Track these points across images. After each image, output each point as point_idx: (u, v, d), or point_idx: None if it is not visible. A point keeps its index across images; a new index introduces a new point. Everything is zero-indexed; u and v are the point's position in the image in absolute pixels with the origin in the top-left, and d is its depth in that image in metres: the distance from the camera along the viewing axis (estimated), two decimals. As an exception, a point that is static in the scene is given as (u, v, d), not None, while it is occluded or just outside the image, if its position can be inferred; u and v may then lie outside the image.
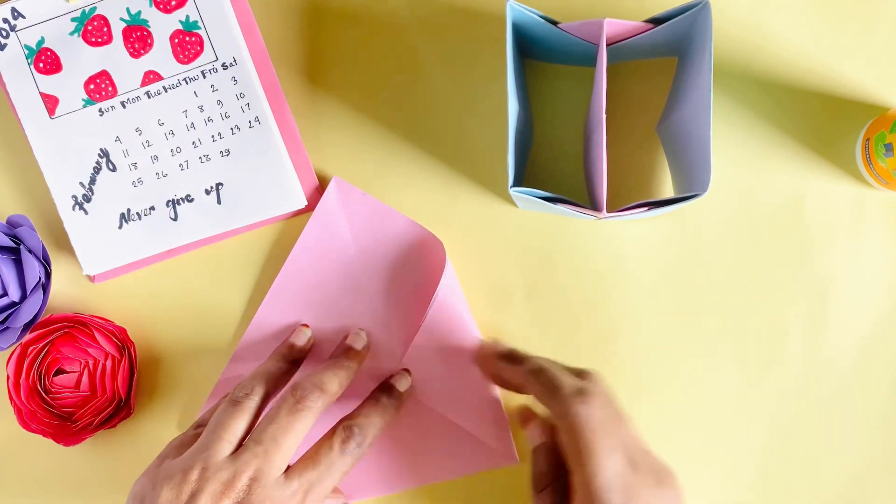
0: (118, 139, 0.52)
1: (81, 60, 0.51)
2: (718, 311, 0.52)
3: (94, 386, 0.52)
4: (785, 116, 0.51)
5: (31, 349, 0.51)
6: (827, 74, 0.51)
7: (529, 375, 0.44)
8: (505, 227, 0.52)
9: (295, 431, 0.43)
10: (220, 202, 0.52)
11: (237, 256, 0.53)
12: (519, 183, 0.46)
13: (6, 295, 0.50)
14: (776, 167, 0.51)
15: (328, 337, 0.52)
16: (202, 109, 0.51)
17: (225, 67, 0.51)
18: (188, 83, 0.51)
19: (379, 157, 0.52)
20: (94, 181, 0.52)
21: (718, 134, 0.51)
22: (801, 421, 0.51)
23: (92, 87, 0.51)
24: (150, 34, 0.51)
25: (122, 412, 0.52)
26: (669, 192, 0.51)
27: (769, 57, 0.51)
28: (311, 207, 0.52)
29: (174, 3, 0.50)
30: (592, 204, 0.48)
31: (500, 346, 0.47)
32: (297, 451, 0.44)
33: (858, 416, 0.51)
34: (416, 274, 0.51)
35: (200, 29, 0.51)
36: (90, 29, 0.51)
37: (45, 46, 0.51)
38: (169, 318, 0.53)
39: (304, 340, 0.51)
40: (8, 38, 0.51)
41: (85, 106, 0.51)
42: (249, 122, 0.51)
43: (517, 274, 0.52)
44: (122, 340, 0.52)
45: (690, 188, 0.45)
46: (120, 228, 0.52)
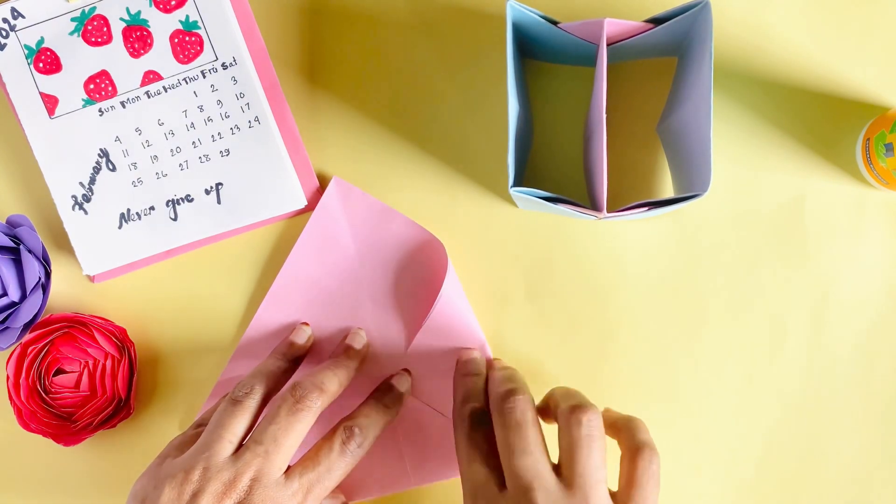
0: (118, 139, 0.51)
1: (81, 60, 0.51)
2: (718, 310, 0.52)
3: (93, 386, 0.52)
4: (785, 116, 0.51)
5: (30, 349, 0.51)
6: (827, 74, 0.51)
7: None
8: (505, 227, 0.52)
9: (295, 431, 0.43)
10: (219, 202, 0.52)
11: (237, 256, 0.53)
12: (519, 183, 0.46)
13: (6, 295, 0.50)
14: (776, 167, 0.51)
15: (328, 336, 0.52)
16: (202, 109, 0.51)
17: (225, 67, 0.51)
18: (188, 83, 0.51)
19: (379, 157, 0.52)
20: (93, 181, 0.52)
21: (718, 134, 0.51)
22: (800, 420, 0.51)
23: (92, 86, 0.51)
24: (149, 34, 0.51)
25: (121, 412, 0.52)
26: (669, 192, 0.51)
27: (769, 57, 0.51)
28: (311, 207, 0.52)
29: (174, 2, 0.50)
30: (592, 204, 0.48)
31: (470, 404, 0.47)
32: (297, 449, 0.44)
33: (858, 415, 0.51)
34: (415, 274, 0.51)
35: (200, 29, 0.51)
36: (90, 29, 0.51)
37: (44, 46, 0.51)
38: (169, 318, 0.53)
39: (303, 339, 0.51)
40: (8, 38, 0.51)
41: (85, 106, 0.51)
42: (249, 122, 0.51)
43: (517, 274, 0.52)
44: (121, 340, 0.52)
45: (690, 188, 0.45)
46: (120, 228, 0.52)
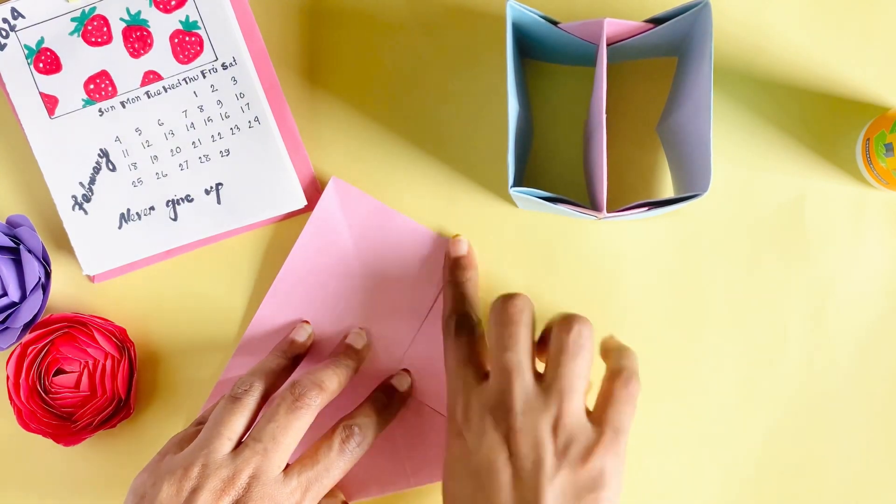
0: (118, 139, 0.51)
1: (81, 60, 0.51)
2: (718, 311, 0.52)
3: (93, 386, 0.52)
4: (785, 116, 0.51)
5: (30, 349, 0.51)
6: (827, 74, 0.51)
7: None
8: (505, 227, 0.52)
9: (294, 429, 0.43)
10: (219, 202, 0.52)
11: (237, 256, 0.53)
12: (519, 183, 0.46)
13: (6, 295, 0.50)
14: (776, 167, 0.51)
15: (328, 336, 0.52)
16: (202, 109, 0.51)
17: (225, 67, 0.51)
18: (188, 83, 0.51)
19: (379, 157, 0.52)
20: (93, 181, 0.52)
21: (718, 134, 0.51)
22: (800, 420, 0.51)
23: (92, 87, 0.51)
24: (149, 34, 0.51)
25: (121, 412, 0.52)
26: (669, 192, 0.51)
27: (769, 57, 0.51)
28: (310, 207, 0.52)
29: (174, 3, 0.50)
30: (592, 204, 0.48)
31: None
32: (297, 447, 0.44)
33: (858, 415, 0.51)
34: (415, 273, 0.51)
35: (200, 29, 0.51)
36: (90, 29, 0.51)
37: (44, 46, 0.51)
38: (169, 318, 0.53)
39: (304, 337, 0.51)
40: (8, 38, 0.51)
41: (85, 106, 0.51)
42: (249, 122, 0.51)
43: (517, 274, 0.52)
44: (121, 340, 0.52)
45: (690, 188, 0.45)
46: (120, 228, 0.52)
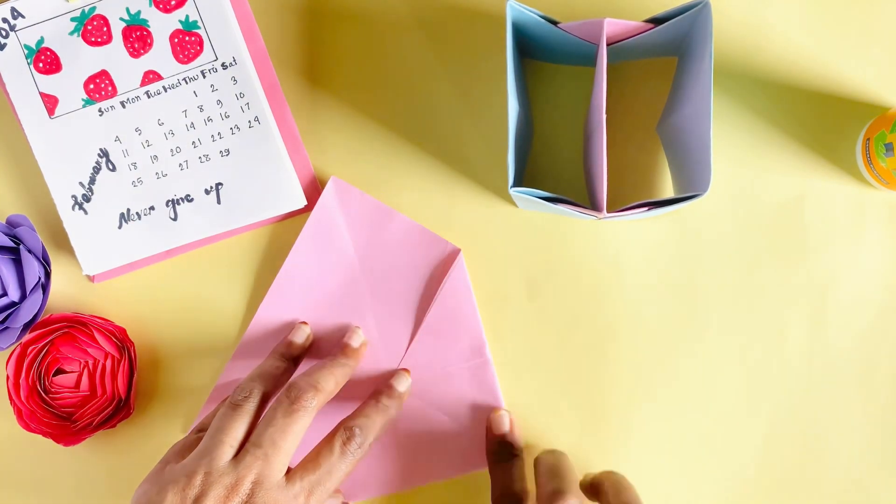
0: (118, 139, 0.51)
1: (81, 60, 0.51)
2: (718, 310, 0.52)
3: (93, 386, 0.52)
4: (785, 116, 0.51)
5: (30, 349, 0.51)
6: (827, 74, 0.51)
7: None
8: (505, 227, 0.52)
9: (293, 433, 0.43)
10: (219, 202, 0.52)
11: (237, 256, 0.53)
12: (519, 183, 0.46)
13: (6, 295, 0.50)
14: (776, 167, 0.51)
15: (327, 336, 0.52)
16: (202, 109, 0.51)
17: (225, 67, 0.51)
18: (188, 83, 0.51)
19: (379, 157, 0.52)
20: (93, 181, 0.52)
21: (718, 134, 0.51)
22: (800, 420, 0.51)
23: (92, 86, 0.51)
24: (149, 34, 0.51)
25: (121, 412, 0.52)
26: (669, 192, 0.51)
27: (769, 57, 0.51)
28: (310, 207, 0.52)
29: (174, 2, 0.50)
30: (592, 204, 0.48)
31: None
32: (298, 450, 0.44)
33: (858, 415, 0.51)
34: (415, 273, 0.51)
35: (200, 29, 0.51)
36: (90, 29, 0.51)
37: (44, 46, 0.51)
38: (169, 317, 0.53)
39: (302, 338, 0.51)
40: (8, 37, 0.51)
41: (85, 106, 0.51)
42: (249, 121, 0.51)
43: (517, 274, 0.52)
44: (121, 340, 0.52)
45: (690, 188, 0.45)
46: (120, 228, 0.52)
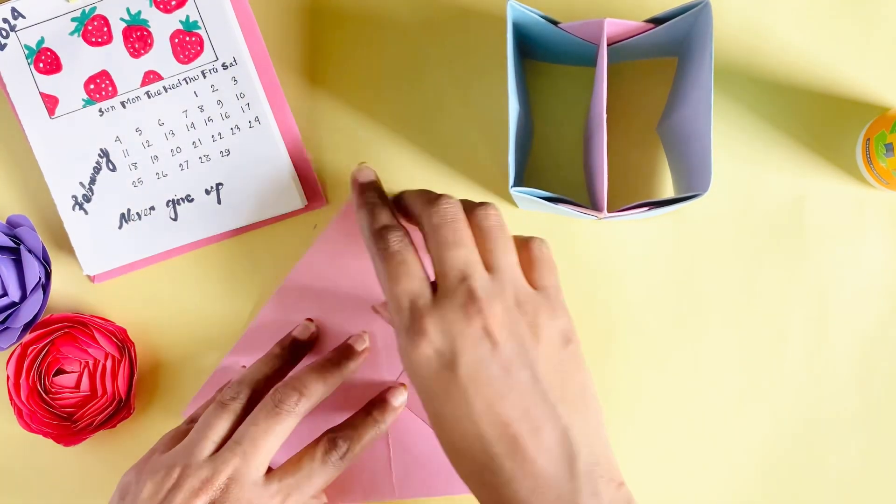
0: (118, 139, 0.51)
1: (81, 60, 0.51)
2: (718, 311, 0.52)
3: (94, 386, 0.52)
4: (785, 116, 0.51)
5: (31, 349, 0.51)
6: (827, 74, 0.51)
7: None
8: (505, 227, 0.52)
9: (274, 434, 0.44)
10: (220, 202, 0.52)
11: (237, 256, 0.53)
12: (519, 183, 0.46)
13: (6, 295, 0.50)
14: (776, 167, 0.51)
15: (331, 337, 0.52)
16: (202, 109, 0.51)
17: (225, 67, 0.51)
18: (188, 83, 0.51)
19: (379, 156, 0.52)
20: (94, 181, 0.52)
21: (718, 134, 0.51)
22: (800, 420, 0.51)
23: (92, 87, 0.51)
24: (150, 34, 0.51)
25: (122, 412, 0.52)
26: (669, 192, 0.51)
27: (769, 57, 0.51)
28: (310, 207, 0.52)
29: (174, 3, 0.50)
30: (593, 204, 0.48)
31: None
32: (284, 453, 0.44)
33: (859, 416, 0.51)
34: None
35: (200, 29, 0.51)
36: (90, 29, 0.51)
37: (45, 46, 0.51)
38: (169, 318, 0.53)
39: (306, 335, 0.51)
40: (8, 38, 0.51)
41: (85, 106, 0.51)
42: (249, 122, 0.51)
43: (517, 274, 0.52)
44: (122, 340, 0.52)
45: (691, 188, 0.45)
46: (120, 228, 0.52)
